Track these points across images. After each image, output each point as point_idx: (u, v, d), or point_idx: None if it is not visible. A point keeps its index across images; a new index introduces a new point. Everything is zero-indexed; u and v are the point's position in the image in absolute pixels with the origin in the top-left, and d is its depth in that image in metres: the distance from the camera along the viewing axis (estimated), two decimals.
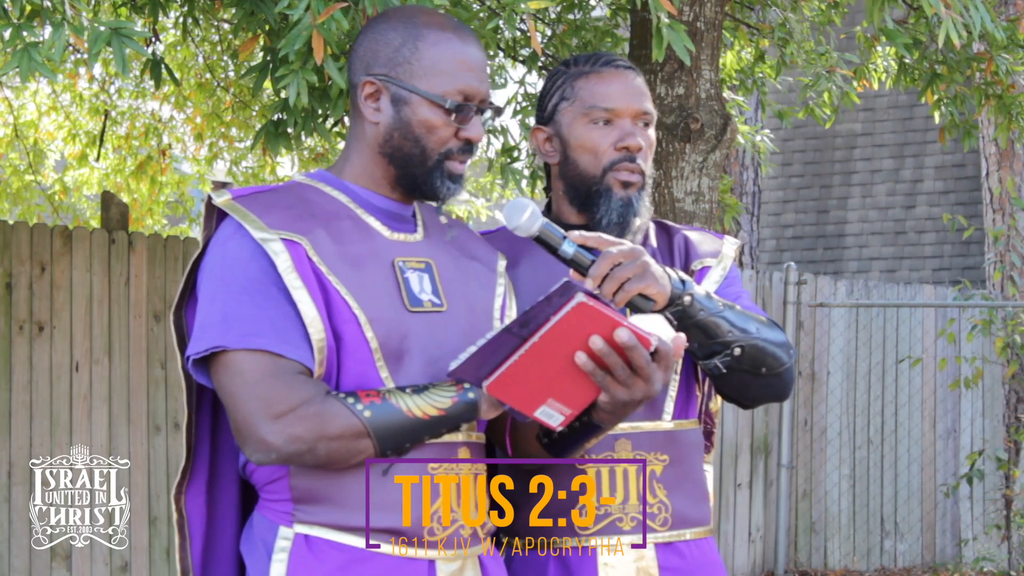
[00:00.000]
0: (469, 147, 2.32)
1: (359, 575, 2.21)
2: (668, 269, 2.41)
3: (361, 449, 2.18)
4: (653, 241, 2.64)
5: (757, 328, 2.48)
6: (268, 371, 2.16)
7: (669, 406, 2.56)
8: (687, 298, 2.40)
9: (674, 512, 2.54)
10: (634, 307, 2.33)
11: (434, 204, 2.36)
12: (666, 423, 2.56)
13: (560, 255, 2.33)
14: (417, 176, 2.31)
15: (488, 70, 2.35)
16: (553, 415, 2.20)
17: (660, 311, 2.37)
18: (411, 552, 2.24)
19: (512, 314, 2.46)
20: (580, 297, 2.10)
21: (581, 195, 2.55)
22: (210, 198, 2.28)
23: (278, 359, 2.16)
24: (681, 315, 2.40)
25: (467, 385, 2.22)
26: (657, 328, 2.20)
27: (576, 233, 2.34)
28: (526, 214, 2.31)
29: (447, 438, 2.27)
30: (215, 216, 2.29)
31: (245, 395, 2.15)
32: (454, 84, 2.29)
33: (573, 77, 2.57)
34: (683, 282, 2.41)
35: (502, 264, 2.49)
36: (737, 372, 2.48)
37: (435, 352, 2.27)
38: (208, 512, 2.34)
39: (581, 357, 2.14)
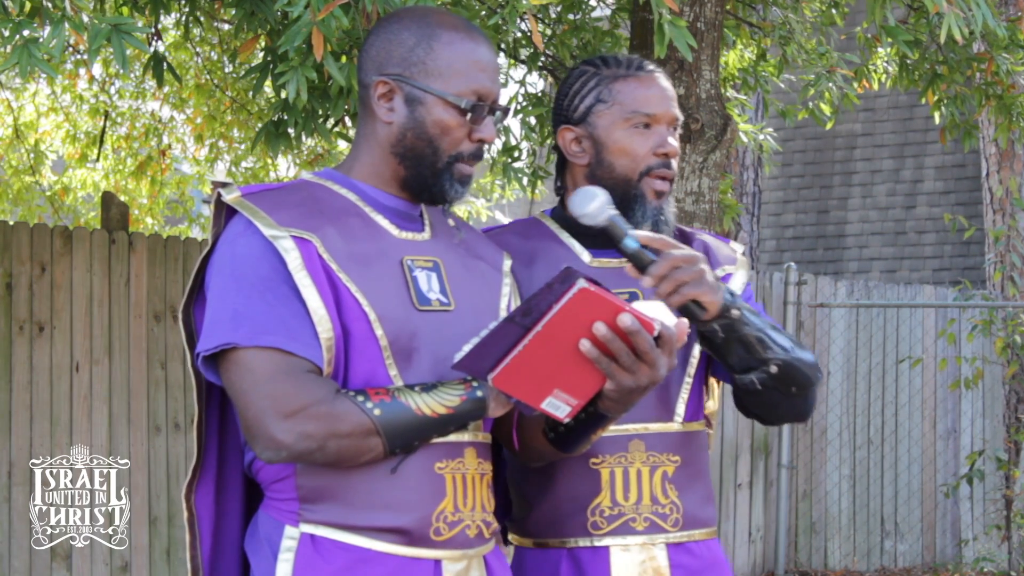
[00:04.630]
0: (480, 149, 2.32)
1: (365, 575, 2.21)
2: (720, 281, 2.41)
3: (371, 447, 2.17)
4: None
5: (792, 346, 2.48)
6: (278, 369, 2.15)
7: (681, 408, 2.56)
8: (736, 312, 2.39)
9: (684, 513, 2.55)
10: (685, 312, 2.33)
11: (441, 207, 2.36)
12: (678, 424, 2.56)
13: (622, 247, 2.33)
14: (427, 177, 2.31)
15: (499, 70, 2.35)
16: (560, 406, 2.19)
17: (709, 321, 2.37)
18: (417, 552, 2.23)
19: None
20: (582, 283, 2.09)
21: (615, 197, 2.53)
22: (219, 195, 2.28)
23: (288, 357, 2.16)
24: (728, 328, 2.39)
25: (475, 383, 2.22)
26: (659, 313, 2.20)
27: (642, 232, 2.35)
28: (596, 203, 2.35)
29: (453, 438, 2.26)
30: (224, 213, 2.29)
31: (255, 393, 2.15)
32: (468, 84, 2.29)
33: (610, 80, 2.56)
34: (732, 295, 2.41)
35: (507, 263, 2.49)
36: (769, 390, 2.48)
37: (443, 351, 2.26)
38: (216, 510, 2.34)
39: (585, 344, 2.13)
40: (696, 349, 2.57)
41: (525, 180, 5.31)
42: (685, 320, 2.23)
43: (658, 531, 2.51)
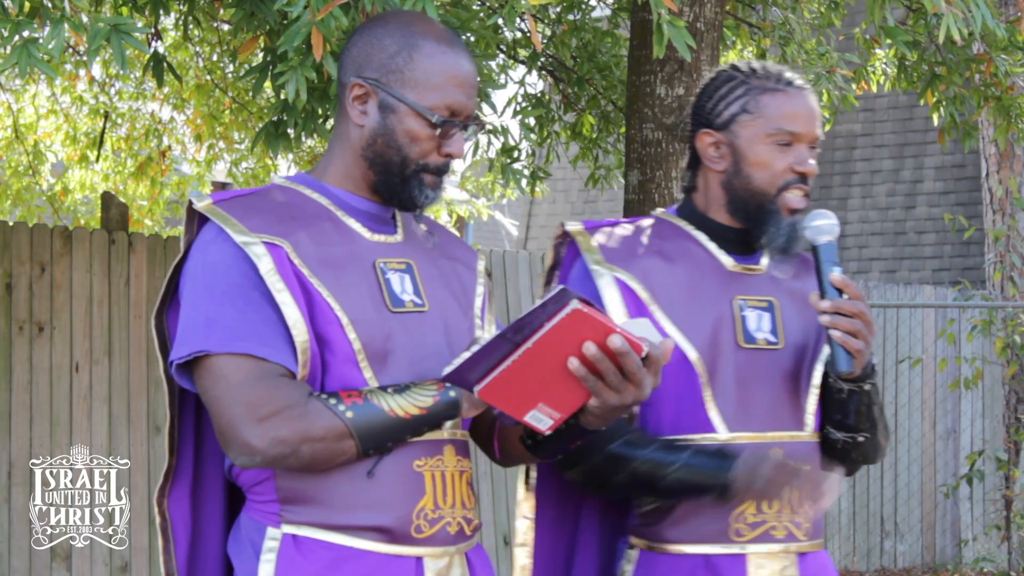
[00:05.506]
0: (447, 163, 2.34)
1: (347, 573, 2.22)
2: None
3: (344, 450, 2.19)
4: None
5: (881, 426, 2.59)
6: (251, 375, 2.17)
7: (810, 419, 2.57)
8: (869, 385, 2.50)
9: (813, 523, 2.57)
10: (833, 356, 2.45)
11: (412, 212, 2.37)
12: (808, 434, 2.57)
13: (824, 270, 2.46)
14: (396, 184, 2.32)
15: (477, 85, 2.36)
16: (542, 419, 2.22)
17: (848, 380, 2.48)
18: (398, 550, 2.25)
19: (494, 314, 2.49)
20: (575, 304, 2.11)
21: (750, 208, 2.55)
22: (191, 203, 2.30)
23: (261, 363, 2.18)
24: (854, 393, 2.49)
25: (448, 384, 2.23)
26: (646, 333, 2.22)
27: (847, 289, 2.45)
28: (827, 222, 2.48)
29: (432, 436, 2.28)
30: (196, 220, 2.31)
31: (228, 399, 2.17)
32: (443, 99, 2.30)
33: (758, 91, 2.55)
34: (874, 368, 2.51)
35: (481, 264, 2.51)
36: (843, 452, 2.57)
37: (418, 352, 2.28)
38: (193, 515, 2.36)
39: (574, 362, 2.15)
40: (820, 364, 2.57)
41: (524, 181, 5.31)
42: (671, 340, 2.25)
43: (793, 540, 2.51)
